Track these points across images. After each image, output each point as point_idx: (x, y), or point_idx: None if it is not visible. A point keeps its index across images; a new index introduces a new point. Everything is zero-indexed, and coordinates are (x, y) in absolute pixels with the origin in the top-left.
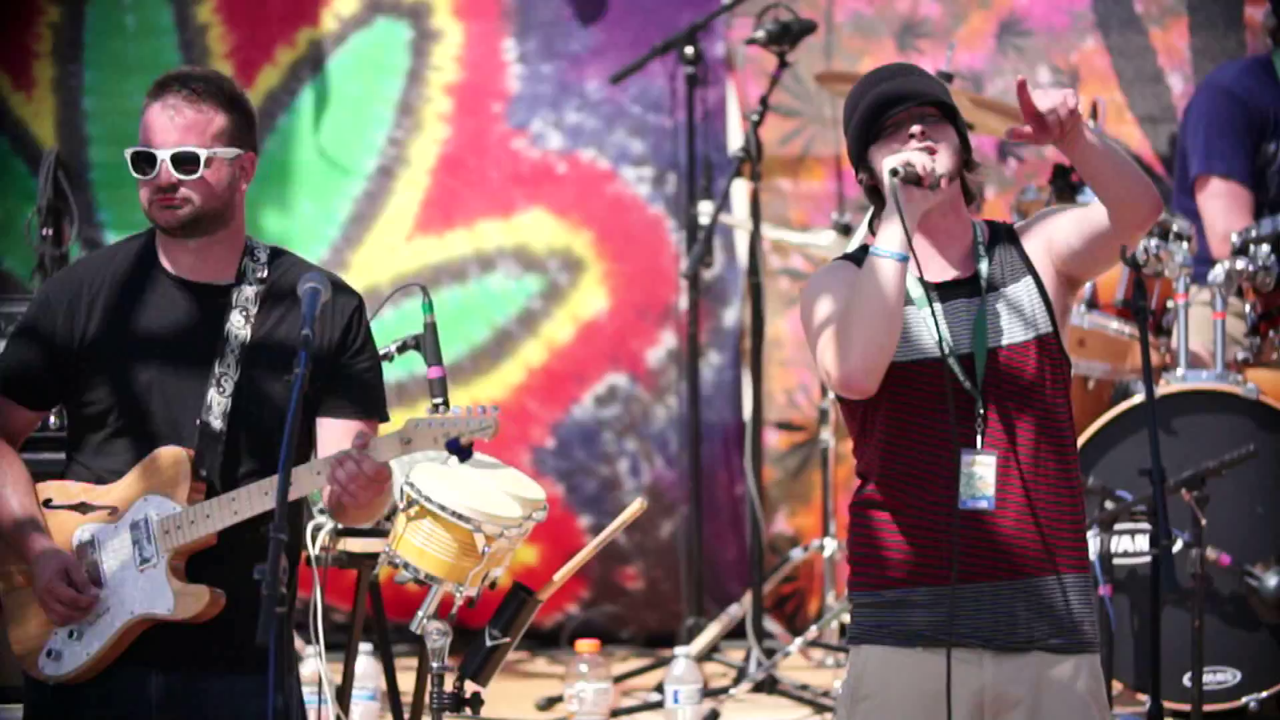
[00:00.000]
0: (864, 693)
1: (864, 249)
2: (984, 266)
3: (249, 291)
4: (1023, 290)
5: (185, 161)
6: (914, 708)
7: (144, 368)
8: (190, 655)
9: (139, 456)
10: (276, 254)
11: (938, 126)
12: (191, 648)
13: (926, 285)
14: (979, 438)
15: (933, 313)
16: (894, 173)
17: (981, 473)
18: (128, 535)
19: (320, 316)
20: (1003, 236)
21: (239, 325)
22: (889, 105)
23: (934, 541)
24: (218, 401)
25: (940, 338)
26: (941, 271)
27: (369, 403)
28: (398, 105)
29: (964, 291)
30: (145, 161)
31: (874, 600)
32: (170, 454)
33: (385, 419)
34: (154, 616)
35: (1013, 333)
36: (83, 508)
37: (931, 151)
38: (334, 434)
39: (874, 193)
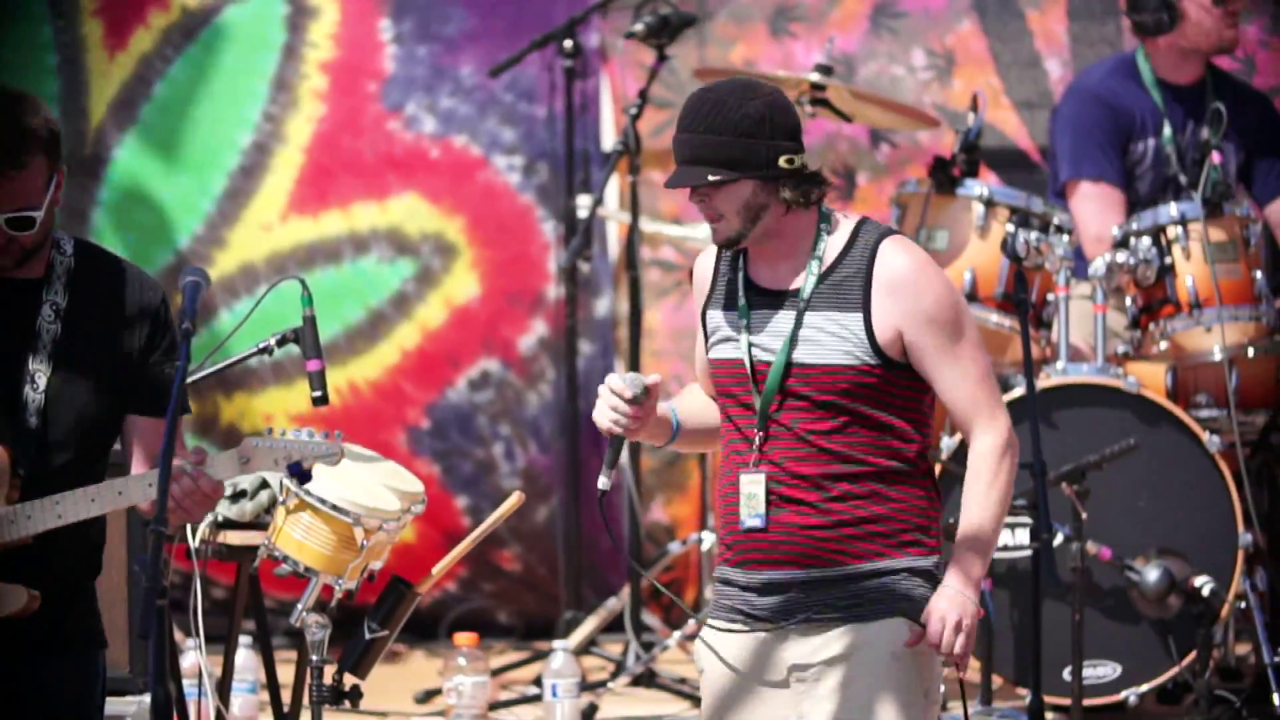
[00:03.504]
0: (700, 665)
1: None
2: (809, 284)
3: (58, 285)
4: (845, 322)
5: (20, 224)
6: (731, 679)
7: None
8: (6, 642)
9: None
10: (80, 245)
11: (719, 188)
12: (6, 635)
13: (750, 291)
14: (755, 451)
15: (747, 323)
16: (606, 461)
17: (754, 491)
18: None
19: (126, 313)
20: (860, 254)
21: (49, 320)
22: (675, 163)
23: (740, 531)
24: (32, 399)
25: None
26: (769, 281)
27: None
28: (273, 80)
29: (781, 303)
30: None
31: (716, 577)
32: None
33: (188, 411)
34: None
35: (819, 354)
36: None
37: (718, 216)
38: (148, 429)
39: None
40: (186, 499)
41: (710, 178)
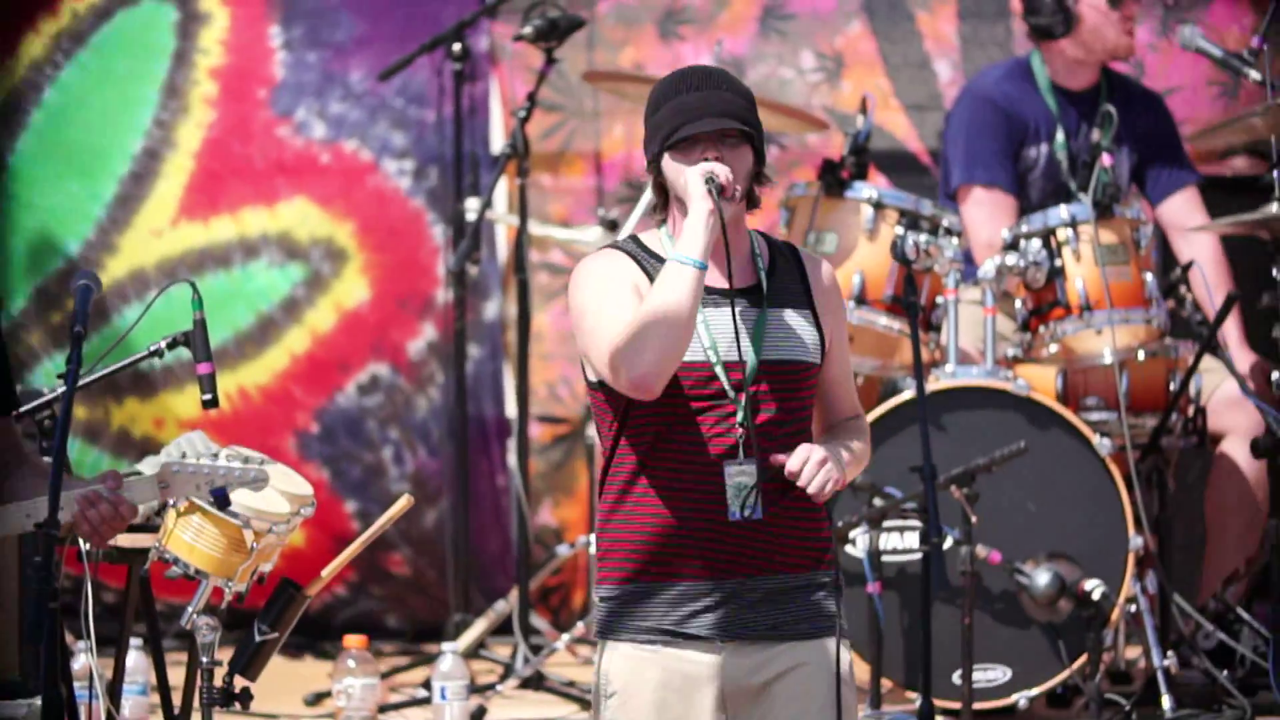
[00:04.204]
0: (610, 689)
1: (634, 240)
2: (765, 279)
3: None
4: (801, 319)
5: None
6: (655, 702)
7: None
8: None
9: None
10: None
11: (734, 148)
12: None
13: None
14: (740, 447)
15: (705, 320)
16: (709, 182)
17: (747, 481)
18: None
19: None
20: (786, 257)
21: None
22: (688, 120)
23: (685, 540)
24: None
25: (712, 343)
26: (718, 280)
27: (11, 398)
28: (163, 87)
29: (740, 301)
30: None
31: (621, 594)
32: None
33: (18, 408)
34: None
35: (786, 350)
36: None
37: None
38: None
39: (661, 189)
40: (104, 525)
41: (744, 128)
